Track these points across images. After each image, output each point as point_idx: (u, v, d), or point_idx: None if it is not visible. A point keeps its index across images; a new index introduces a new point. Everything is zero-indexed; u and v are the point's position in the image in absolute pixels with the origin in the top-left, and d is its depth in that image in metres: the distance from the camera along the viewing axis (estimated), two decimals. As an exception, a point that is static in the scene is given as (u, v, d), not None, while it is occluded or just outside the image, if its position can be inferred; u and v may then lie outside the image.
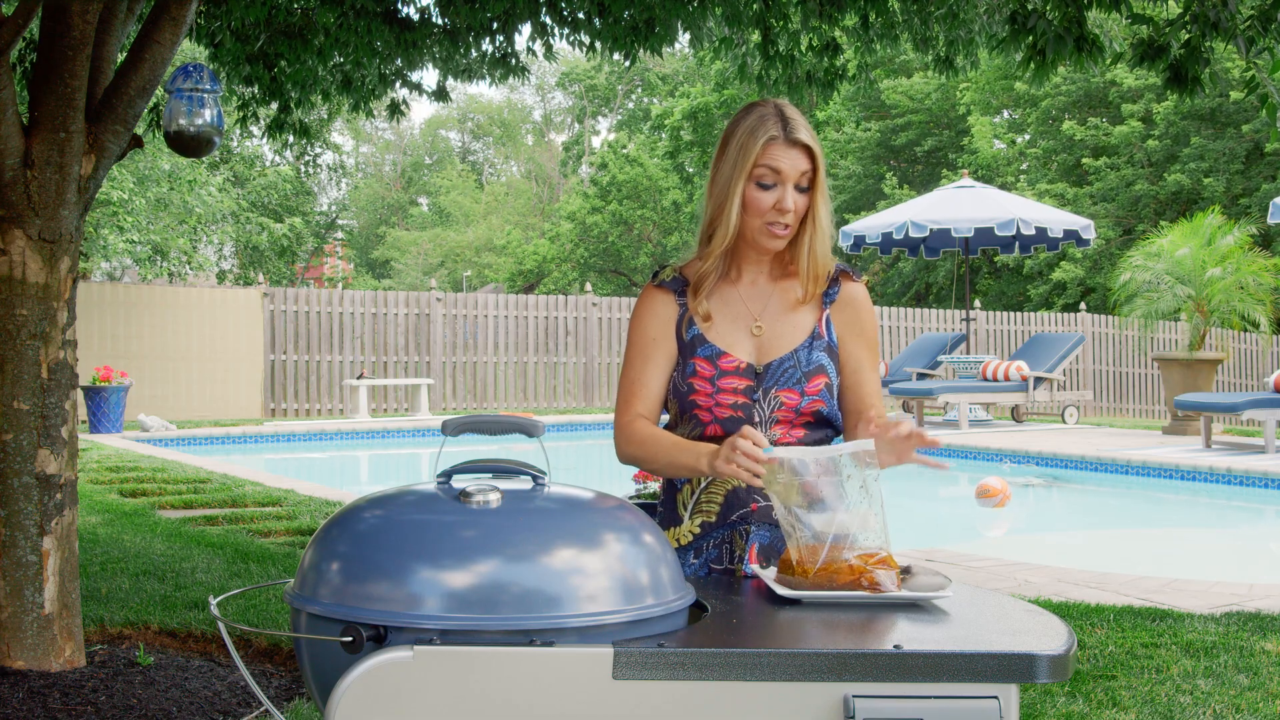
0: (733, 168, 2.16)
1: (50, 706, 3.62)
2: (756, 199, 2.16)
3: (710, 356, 2.20)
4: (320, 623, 1.60)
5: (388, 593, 1.55)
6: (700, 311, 2.22)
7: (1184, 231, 13.90)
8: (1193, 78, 4.88)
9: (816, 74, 6.58)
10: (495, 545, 1.57)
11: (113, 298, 15.56)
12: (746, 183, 2.16)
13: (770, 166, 2.14)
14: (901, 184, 27.14)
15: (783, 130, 2.15)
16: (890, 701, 1.55)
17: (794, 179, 2.16)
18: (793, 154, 2.15)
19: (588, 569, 1.60)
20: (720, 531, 2.22)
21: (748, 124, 2.17)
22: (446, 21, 6.38)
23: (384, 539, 1.60)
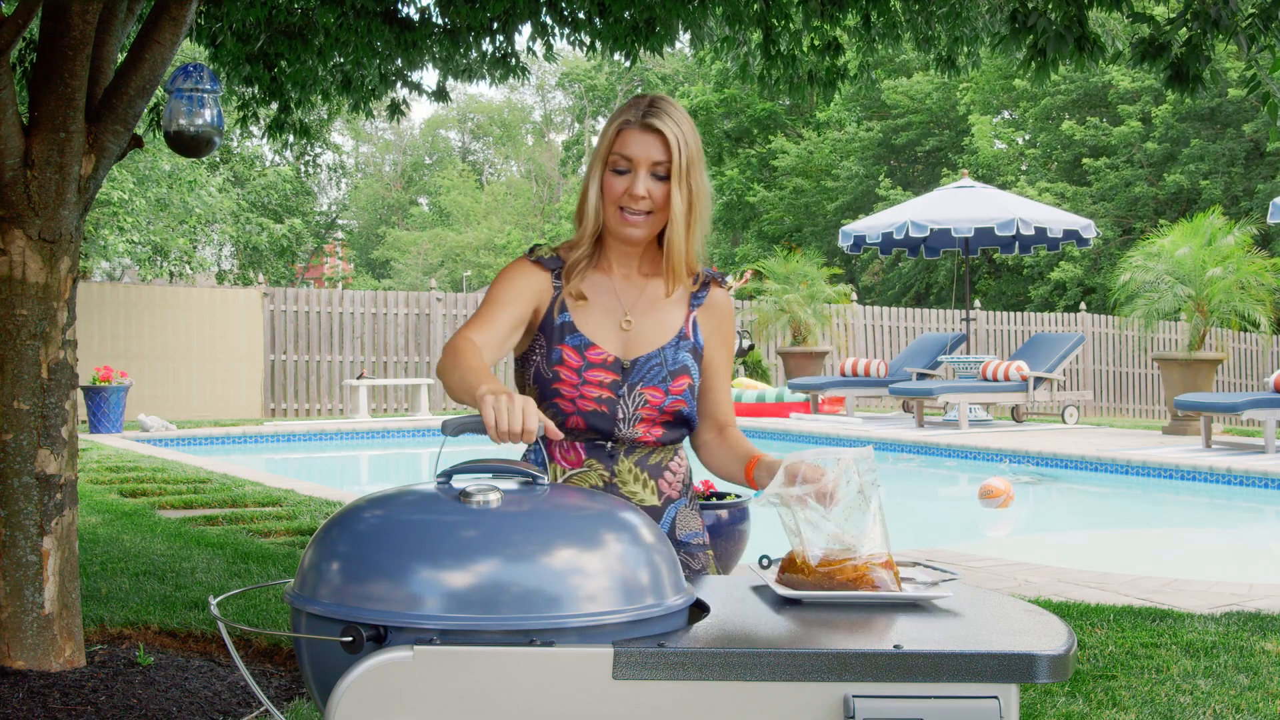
0: (594, 154, 2.20)
1: (50, 706, 3.62)
2: (609, 184, 2.17)
3: (578, 346, 2.18)
4: (320, 623, 1.60)
5: (388, 592, 1.55)
6: (574, 291, 2.21)
7: (1184, 232, 13.90)
8: (1194, 76, 4.87)
9: (818, 74, 6.58)
10: (495, 545, 1.57)
11: (113, 298, 15.56)
12: (603, 168, 2.17)
13: (622, 153, 2.15)
14: (898, 186, 27.12)
15: (638, 116, 2.15)
16: (890, 701, 1.55)
17: (647, 165, 2.14)
18: (646, 140, 2.14)
19: (588, 569, 1.59)
20: None
21: (612, 114, 2.20)
22: (446, 21, 6.38)
23: (384, 539, 1.60)
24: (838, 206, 28.17)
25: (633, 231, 2.18)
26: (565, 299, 2.21)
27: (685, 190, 2.16)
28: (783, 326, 17.75)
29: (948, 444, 12.44)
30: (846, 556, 1.86)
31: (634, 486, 2.22)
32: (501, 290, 2.18)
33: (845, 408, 15.66)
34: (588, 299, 2.21)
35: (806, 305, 17.35)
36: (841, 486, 1.89)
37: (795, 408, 15.33)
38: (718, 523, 5.54)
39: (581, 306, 2.21)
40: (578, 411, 2.18)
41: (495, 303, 2.16)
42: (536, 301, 2.20)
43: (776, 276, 17.85)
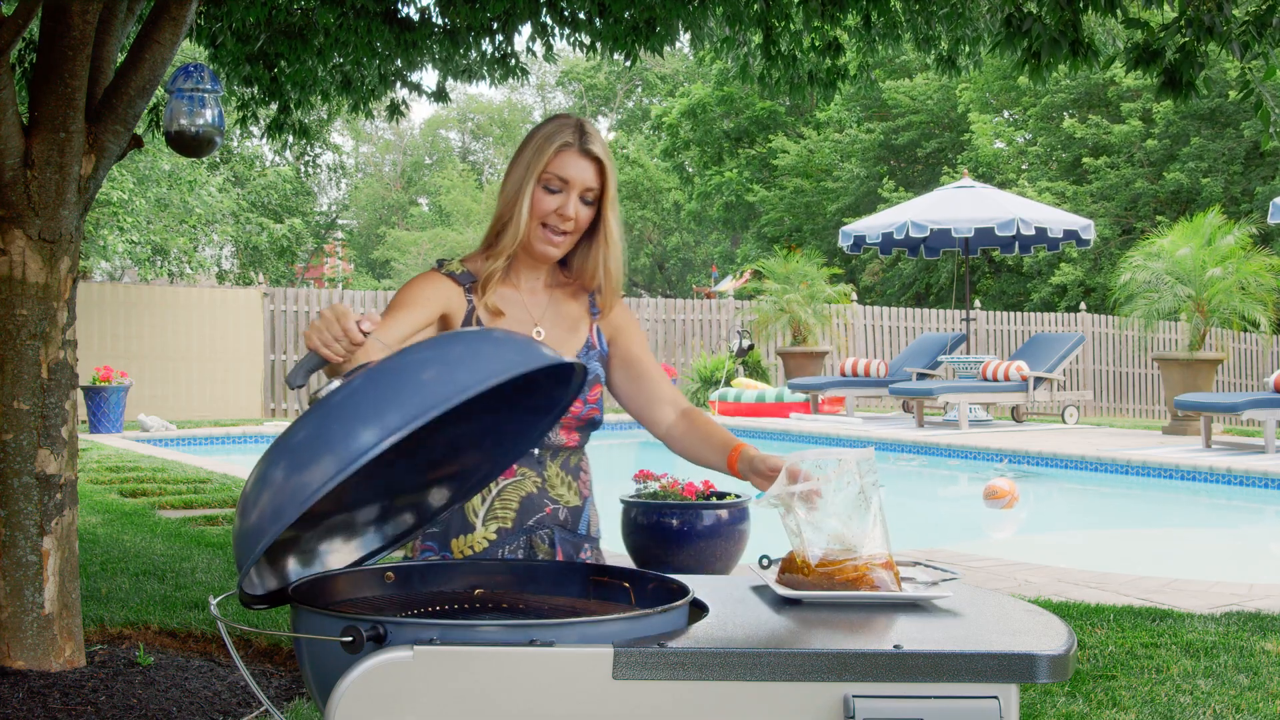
0: (525, 169, 2.21)
1: (50, 706, 3.62)
2: (540, 201, 2.20)
3: None
4: (320, 622, 1.60)
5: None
6: (490, 306, 2.23)
7: (1184, 231, 13.90)
8: (1187, 82, 4.87)
9: (818, 74, 6.58)
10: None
11: (113, 298, 15.56)
12: (535, 185, 2.20)
13: (559, 174, 2.20)
14: (900, 187, 27.14)
15: (578, 140, 2.20)
16: (890, 701, 1.55)
17: (580, 189, 2.21)
18: (583, 164, 2.20)
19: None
20: (517, 537, 2.23)
21: (546, 130, 2.23)
22: (446, 21, 6.38)
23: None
24: (838, 207, 28.17)
25: (552, 250, 2.24)
26: (479, 313, 2.23)
27: (616, 217, 2.26)
28: (783, 326, 17.74)
29: (948, 444, 12.43)
30: (847, 557, 1.86)
31: (561, 489, 2.28)
32: (408, 296, 2.19)
33: (845, 408, 15.66)
34: (504, 313, 2.25)
35: (806, 305, 17.35)
36: (842, 487, 1.89)
37: (795, 408, 15.33)
38: (718, 523, 5.54)
39: (497, 321, 2.24)
40: None
41: (400, 306, 2.16)
42: (445, 308, 2.21)
43: (776, 276, 17.85)
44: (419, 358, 1.60)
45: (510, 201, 2.21)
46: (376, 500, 1.96)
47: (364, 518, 1.97)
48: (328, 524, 1.92)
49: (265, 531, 1.53)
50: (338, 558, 1.94)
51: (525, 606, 1.89)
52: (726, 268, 32.08)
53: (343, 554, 1.95)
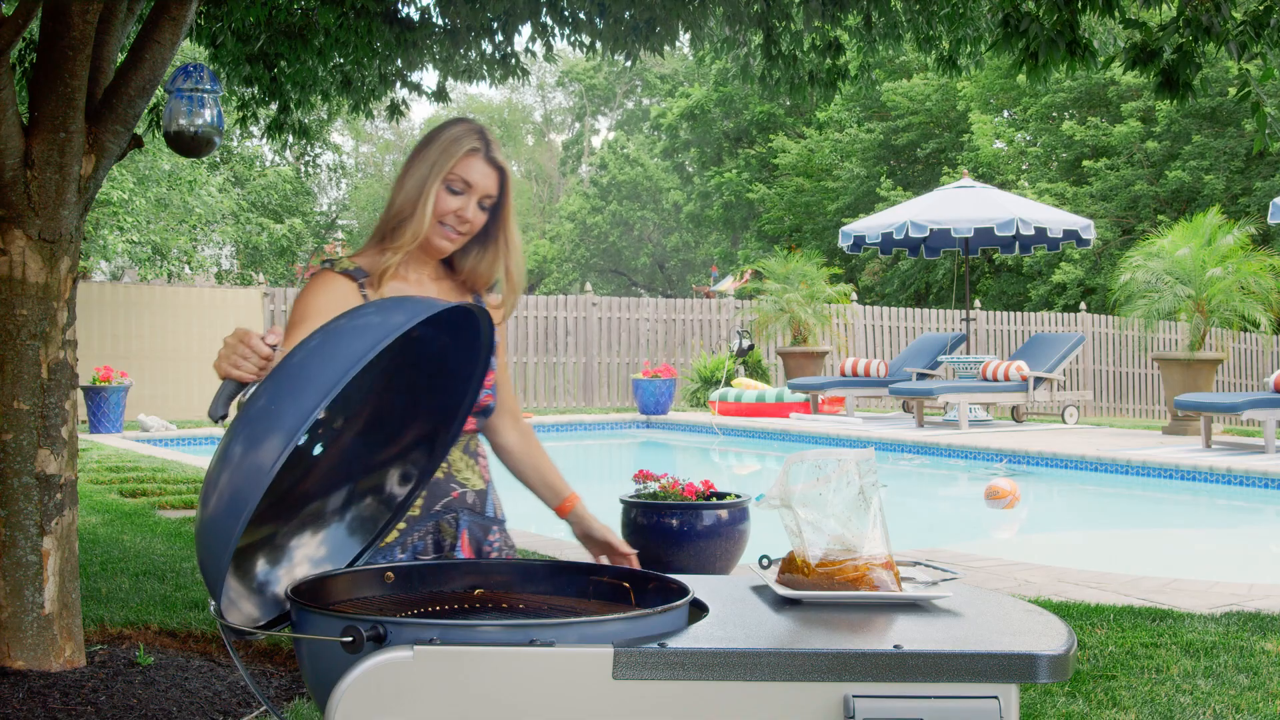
0: (430, 168, 2.26)
1: (50, 706, 3.62)
2: (442, 200, 2.26)
3: None
4: (320, 622, 1.60)
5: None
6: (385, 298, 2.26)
7: (1184, 231, 13.90)
8: (1184, 83, 4.87)
9: (819, 74, 6.57)
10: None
11: (113, 298, 15.56)
12: (440, 185, 2.26)
13: (463, 177, 2.27)
14: (899, 187, 27.14)
15: (484, 148, 2.29)
16: (890, 701, 1.55)
17: (480, 194, 2.29)
18: (487, 171, 2.29)
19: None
20: (425, 522, 2.27)
21: (453, 133, 2.29)
22: (446, 21, 6.38)
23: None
24: (838, 207, 28.17)
25: (446, 245, 2.31)
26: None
27: (515, 225, 2.37)
28: (783, 326, 17.74)
29: (948, 444, 12.43)
30: (847, 557, 1.86)
31: (467, 473, 2.34)
32: (307, 308, 2.22)
33: (845, 408, 15.66)
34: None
35: (806, 305, 17.35)
36: (842, 488, 1.89)
37: (795, 408, 15.33)
38: (718, 523, 5.54)
39: None
40: None
41: (301, 320, 2.19)
42: (344, 309, 2.21)
43: (776, 276, 17.85)
44: (336, 324, 1.64)
45: (412, 198, 2.26)
46: (344, 488, 1.99)
47: (337, 512, 1.99)
48: (304, 523, 1.94)
49: (232, 530, 1.54)
50: (320, 558, 1.96)
51: (525, 606, 1.89)
52: (726, 268, 32.07)
53: (324, 554, 1.97)
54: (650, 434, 15.47)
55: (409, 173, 2.28)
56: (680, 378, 17.92)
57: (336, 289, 2.24)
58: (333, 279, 2.26)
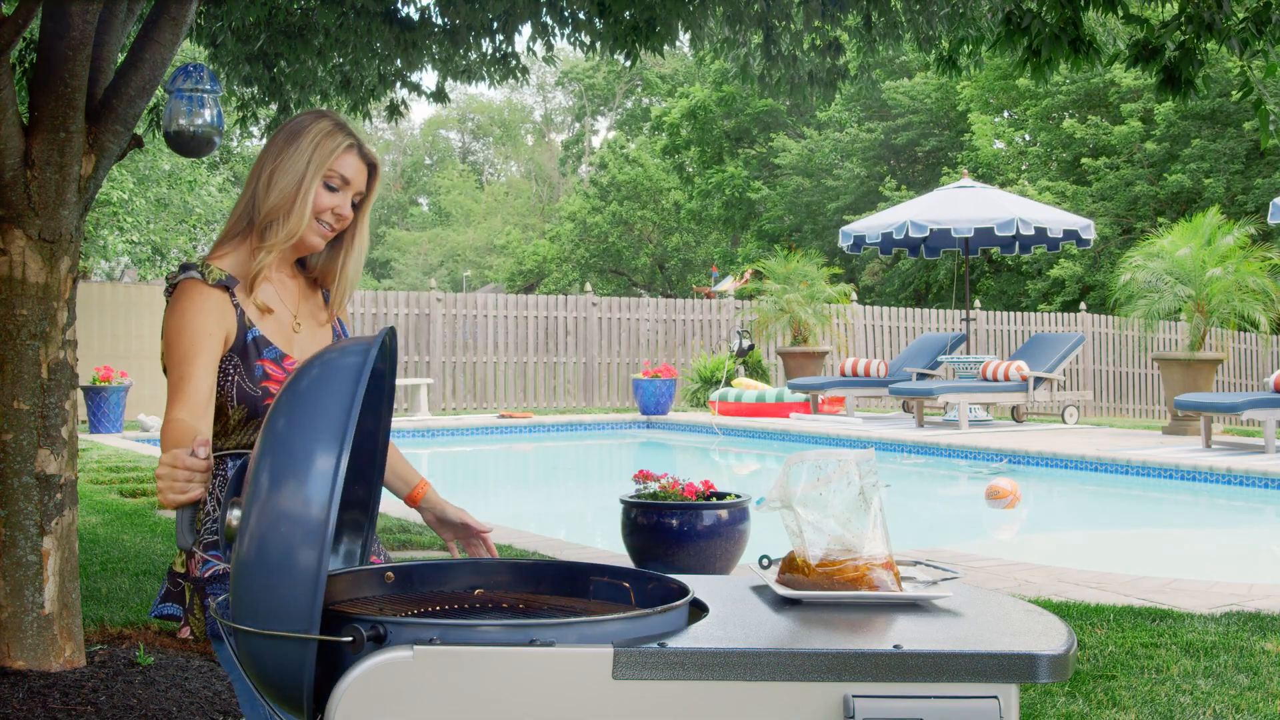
0: (306, 164, 2.20)
1: (50, 706, 3.62)
2: (321, 197, 2.22)
3: (276, 359, 2.20)
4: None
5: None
6: (259, 303, 2.22)
7: (1184, 231, 13.90)
8: (1186, 80, 4.87)
9: (818, 74, 6.57)
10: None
11: (113, 298, 15.57)
12: (318, 182, 2.21)
13: (342, 173, 2.23)
14: (901, 186, 27.14)
15: (359, 144, 2.25)
16: (890, 701, 1.55)
17: (353, 191, 2.26)
18: (361, 167, 2.26)
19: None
20: None
21: (321, 127, 2.23)
22: (446, 21, 6.38)
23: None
24: (838, 206, 28.16)
25: (319, 242, 2.26)
26: (249, 313, 2.21)
27: (367, 223, 2.33)
28: (783, 326, 17.75)
29: (948, 444, 12.43)
30: (847, 557, 1.86)
31: None
32: (193, 328, 2.14)
33: (845, 408, 15.66)
34: (271, 310, 2.25)
35: (806, 305, 17.35)
36: (842, 488, 1.89)
37: (795, 408, 15.33)
38: (718, 523, 5.54)
39: (265, 318, 2.23)
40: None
41: (194, 350, 2.12)
42: (225, 330, 2.17)
43: (776, 276, 17.86)
44: (307, 377, 1.65)
45: (289, 195, 2.20)
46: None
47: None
48: None
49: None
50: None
51: (525, 606, 1.89)
52: (726, 268, 32.07)
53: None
54: (650, 434, 15.48)
55: (279, 169, 2.20)
56: (680, 378, 17.92)
57: (214, 310, 2.15)
58: (204, 293, 2.16)
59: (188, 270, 2.19)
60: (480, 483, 13.09)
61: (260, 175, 2.23)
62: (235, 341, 2.18)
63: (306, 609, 1.51)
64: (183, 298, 2.16)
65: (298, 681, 1.53)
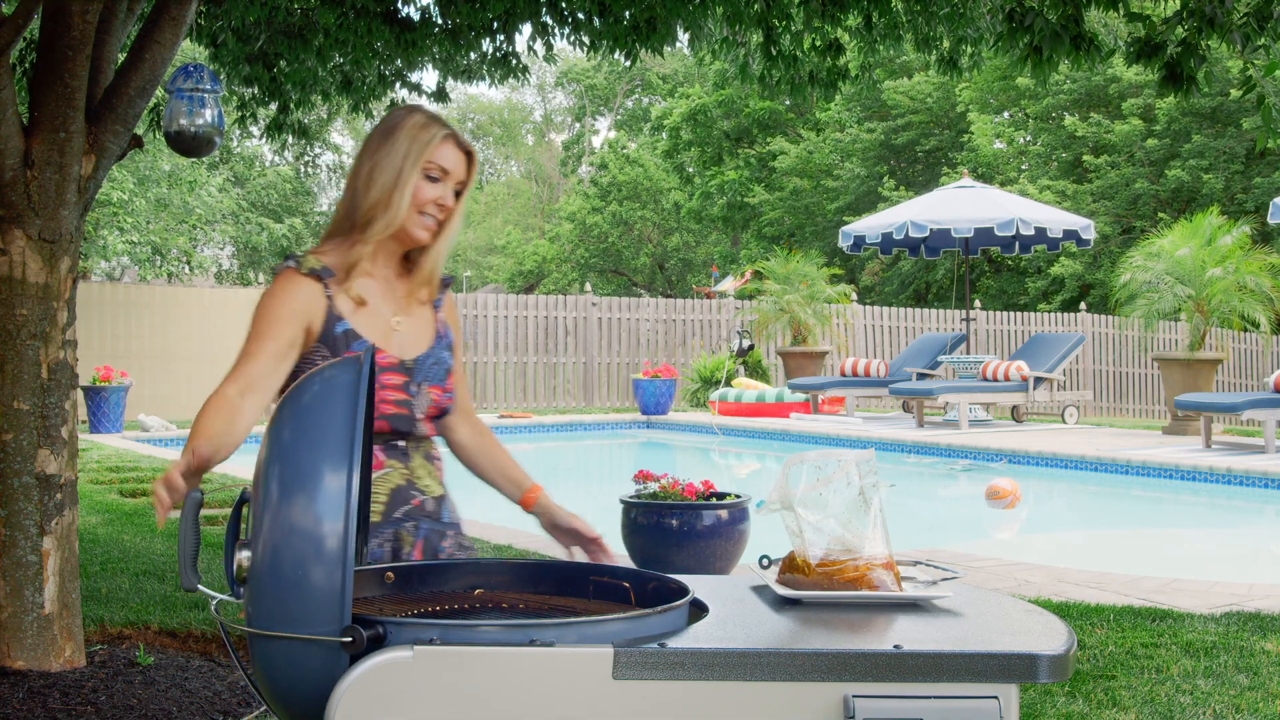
0: (404, 158, 2.21)
1: (50, 706, 3.62)
2: (421, 189, 2.23)
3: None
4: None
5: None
6: (353, 295, 2.23)
7: (1184, 231, 13.90)
8: (1188, 77, 4.87)
9: (819, 74, 6.57)
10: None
11: (113, 298, 15.56)
12: (418, 174, 2.22)
13: (441, 164, 2.23)
14: (901, 186, 27.14)
15: (455, 134, 2.26)
16: (890, 701, 1.55)
17: (453, 181, 2.26)
18: (459, 157, 2.27)
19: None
20: (385, 529, 2.24)
21: (416, 120, 2.24)
22: (446, 21, 6.38)
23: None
24: (838, 207, 28.17)
25: (424, 235, 2.26)
26: (340, 303, 2.21)
27: (461, 212, 2.32)
28: (783, 326, 17.75)
29: (948, 444, 12.43)
30: (847, 557, 1.86)
31: (427, 480, 2.31)
32: (275, 313, 2.16)
33: (845, 408, 15.66)
34: (366, 303, 2.25)
35: (806, 305, 17.35)
36: (842, 489, 1.89)
37: (795, 408, 15.33)
38: (718, 523, 5.54)
39: (359, 311, 2.24)
40: (381, 416, 2.21)
41: (255, 340, 2.14)
42: (308, 320, 2.18)
43: (776, 277, 17.85)
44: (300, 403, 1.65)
45: (388, 189, 2.21)
46: None
47: None
48: None
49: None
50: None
51: (525, 606, 1.89)
52: (726, 268, 32.07)
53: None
54: (650, 434, 15.47)
55: (380, 164, 2.22)
56: (680, 378, 17.92)
57: (300, 296, 2.18)
58: (297, 281, 2.19)
59: (287, 260, 2.23)
60: (480, 483, 13.08)
61: (359, 174, 2.25)
62: (322, 332, 2.19)
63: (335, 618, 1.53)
64: (274, 284, 2.21)
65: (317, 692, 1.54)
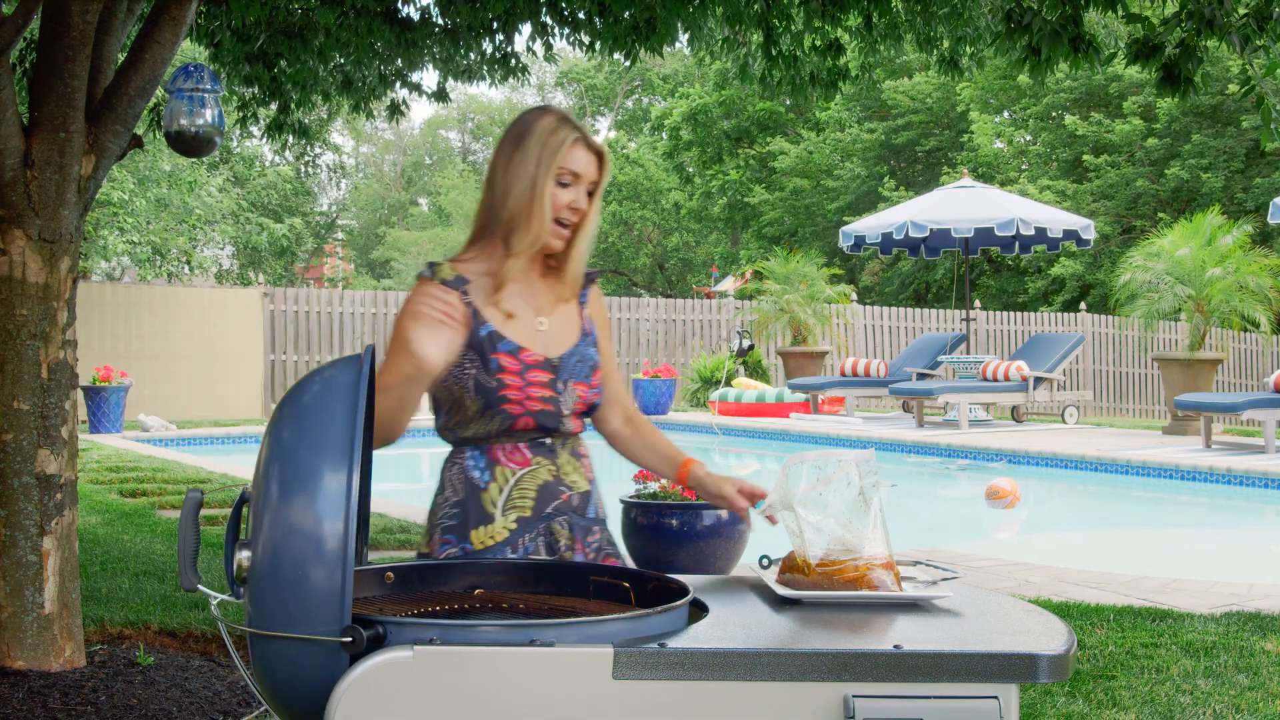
0: (536, 166, 2.21)
1: (50, 706, 3.62)
2: (555, 196, 2.23)
3: (512, 352, 2.23)
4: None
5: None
6: (504, 309, 2.25)
7: (1184, 231, 13.90)
8: (1185, 78, 4.87)
9: (819, 74, 6.57)
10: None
11: (113, 298, 15.56)
12: (551, 181, 2.22)
13: (571, 169, 2.23)
14: (900, 186, 27.14)
15: (584, 136, 2.25)
16: (890, 701, 1.55)
17: (586, 183, 2.25)
18: (589, 158, 2.25)
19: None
20: (537, 525, 2.25)
21: (546, 124, 2.23)
22: (447, 21, 6.38)
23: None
24: (838, 207, 28.17)
25: (559, 244, 2.27)
26: (489, 314, 2.24)
27: (599, 208, 2.31)
28: (783, 326, 17.74)
29: (948, 444, 12.43)
30: (847, 557, 1.86)
31: (574, 476, 2.31)
32: (400, 336, 2.16)
33: (845, 408, 15.66)
34: (515, 315, 2.26)
35: (806, 305, 17.35)
36: (842, 489, 1.89)
37: (795, 408, 15.33)
38: (718, 523, 5.54)
39: (508, 323, 2.26)
40: (527, 413, 2.23)
41: (390, 352, 2.18)
42: (448, 327, 2.17)
43: (776, 277, 17.85)
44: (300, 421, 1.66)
45: (525, 200, 2.21)
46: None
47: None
48: None
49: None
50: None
51: (525, 606, 1.89)
52: (726, 268, 32.06)
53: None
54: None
55: (512, 172, 2.22)
56: (680, 378, 17.92)
57: (433, 302, 2.15)
58: (431, 290, 2.19)
59: (425, 270, 2.25)
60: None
61: (494, 181, 2.25)
62: (468, 339, 2.22)
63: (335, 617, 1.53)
64: (413, 296, 2.22)
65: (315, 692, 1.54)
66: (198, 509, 1.70)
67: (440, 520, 2.25)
